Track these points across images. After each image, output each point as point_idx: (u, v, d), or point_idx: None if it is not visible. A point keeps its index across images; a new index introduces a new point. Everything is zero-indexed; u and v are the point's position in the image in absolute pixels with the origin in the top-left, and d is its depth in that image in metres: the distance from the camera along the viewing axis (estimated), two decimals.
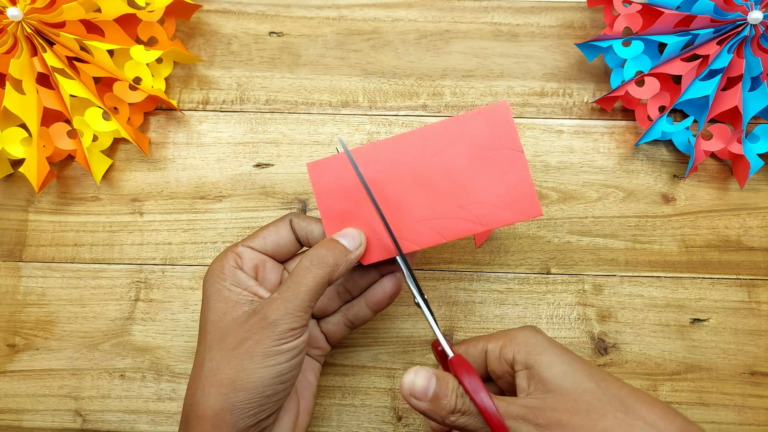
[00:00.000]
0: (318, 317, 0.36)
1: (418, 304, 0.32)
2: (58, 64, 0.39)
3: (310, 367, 0.35)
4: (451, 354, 0.30)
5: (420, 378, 0.28)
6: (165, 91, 0.42)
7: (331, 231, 0.33)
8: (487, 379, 0.33)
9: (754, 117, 0.42)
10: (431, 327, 0.31)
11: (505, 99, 0.31)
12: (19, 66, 0.38)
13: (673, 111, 0.43)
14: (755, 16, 0.38)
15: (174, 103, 0.42)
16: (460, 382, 0.29)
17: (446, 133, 0.32)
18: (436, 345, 0.32)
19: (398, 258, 0.33)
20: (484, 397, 0.28)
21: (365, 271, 0.34)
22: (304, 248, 0.35)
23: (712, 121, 0.42)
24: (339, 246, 0.31)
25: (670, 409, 0.28)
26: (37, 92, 0.40)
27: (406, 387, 0.29)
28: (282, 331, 0.29)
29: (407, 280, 0.32)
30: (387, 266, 0.34)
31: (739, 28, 0.38)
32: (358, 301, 0.35)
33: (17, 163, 0.42)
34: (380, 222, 0.33)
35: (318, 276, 0.30)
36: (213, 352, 0.30)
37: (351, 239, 0.32)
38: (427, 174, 0.32)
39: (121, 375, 0.41)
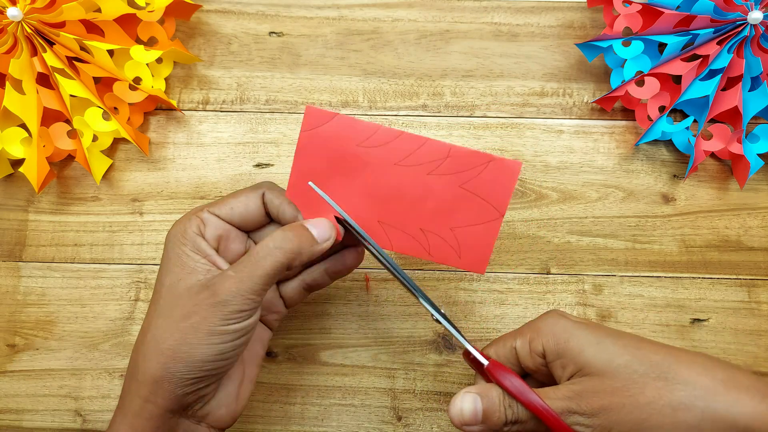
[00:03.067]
0: (278, 282, 0.35)
1: (437, 320, 0.32)
2: (58, 64, 0.39)
3: (259, 338, 0.34)
4: (485, 362, 0.30)
5: (466, 403, 0.28)
6: (165, 91, 0.42)
7: (296, 191, 0.32)
8: (524, 375, 0.32)
9: (754, 117, 0.42)
10: (459, 340, 0.31)
11: (520, 162, 0.31)
12: (19, 66, 0.38)
13: (673, 111, 0.43)
14: (755, 16, 0.38)
15: (174, 103, 0.42)
16: (504, 388, 0.28)
17: (451, 159, 0.32)
18: (467, 354, 0.32)
19: (396, 272, 0.32)
20: (533, 397, 0.28)
21: None
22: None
23: (712, 121, 0.42)
24: (307, 234, 0.30)
25: (710, 360, 0.27)
26: (37, 92, 0.40)
27: (456, 418, 0.29)
28: (231, 311, 0.28)
29: (420, 300, 0.32)
30: (350, 238, 0.33)
31: (739, 28, 0.38)
32: (318, 266, 0.34)
33: (17, 163, 0.42)
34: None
35: (278, 261, 0.29)
36: (160, 320, 0.29)
37: (321, 231, 0.31)
38: (412, 186, 0.32)
39: (121, 375, 0.41)
